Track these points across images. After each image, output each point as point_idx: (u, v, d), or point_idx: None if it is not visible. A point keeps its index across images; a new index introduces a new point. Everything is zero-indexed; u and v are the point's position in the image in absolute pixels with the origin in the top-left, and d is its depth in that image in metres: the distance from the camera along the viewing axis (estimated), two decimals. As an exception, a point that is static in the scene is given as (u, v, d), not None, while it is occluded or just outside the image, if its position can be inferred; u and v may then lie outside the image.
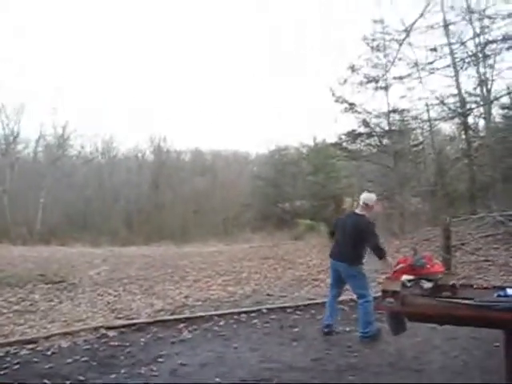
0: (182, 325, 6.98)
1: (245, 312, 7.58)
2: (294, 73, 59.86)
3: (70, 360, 5.63)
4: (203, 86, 61.54)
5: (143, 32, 60.30)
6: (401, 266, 4.18)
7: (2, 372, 5.30)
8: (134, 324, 7.02)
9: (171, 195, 32.08)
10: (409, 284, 3.84)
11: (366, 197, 6.31)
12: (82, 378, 5.10)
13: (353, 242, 6.19)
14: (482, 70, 16.86)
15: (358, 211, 6.34)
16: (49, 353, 5.90)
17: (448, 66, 17.05)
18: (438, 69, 17.08)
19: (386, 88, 18.30)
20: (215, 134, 61.43)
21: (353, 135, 19.73)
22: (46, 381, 4.99)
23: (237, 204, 30.14)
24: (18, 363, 5.56)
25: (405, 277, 3.91)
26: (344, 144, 20.80)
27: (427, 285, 3.84)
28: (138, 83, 58.85)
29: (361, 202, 6.30)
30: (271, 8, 54.56)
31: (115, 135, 40.09)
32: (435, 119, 18.59)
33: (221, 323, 7.07)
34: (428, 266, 4.09)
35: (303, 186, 28.71)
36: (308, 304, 8.07)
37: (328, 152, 26.58)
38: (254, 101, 59.17)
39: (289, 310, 7.71)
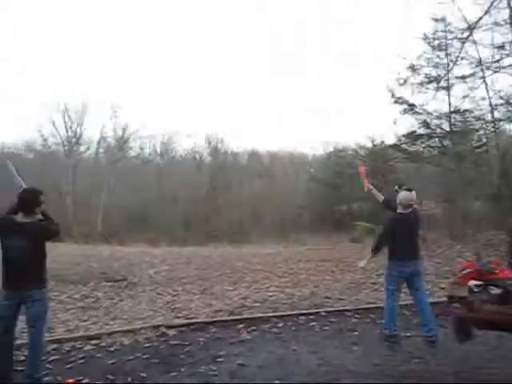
0: (240, 325, 7.01)
1: (303, 314, 7.55)
2: (351, 72, 59.26)
3: (131, 357, 5.74)
4: (259, 86, 61.56)
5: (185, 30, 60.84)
6: (467, 270, 4.03)
7: (68, 366, 5.46)
8: (193, 323, 7.10)
9: (228, 197, 32.31)
10: (476, 289, 3.70)
11: (409, 196, 6.03)
12: (143, 374, 5.20)
13: (417, 238, 6.05)
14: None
15: (402, 211, 6.06)
16: (112, 349, 6.04)
17: (514, 63, 16.46)
18: (503, 67, 16.50)
19: (447, 88, 17.85)
20: (272, 135, 61.45)
21: (413, 136, 19.31)
22: (109, 376, 5.11)
23: (294, 206, 30.07)
24: (82, 358, 5.73)
25: (472, 282, 3.77)
26: (403, 146, 20.41)
27: (496, 291, 3.70)
28: (195, 84, 59.53)
29: (404, 201, 6.01)
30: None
31: (173, 136, 40.58)
32: (500, 120, 17.94)
33: (279, 325, 7.06)
34: (496, 271, 3.94)
35: (361, 188, 28.31)
36: (367, 308, 7.96)
37: (386, 154, 26.14)
38: (310, 100, 58.80)
39: (348, 314, 7.62)
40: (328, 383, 4.94)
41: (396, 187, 6.25)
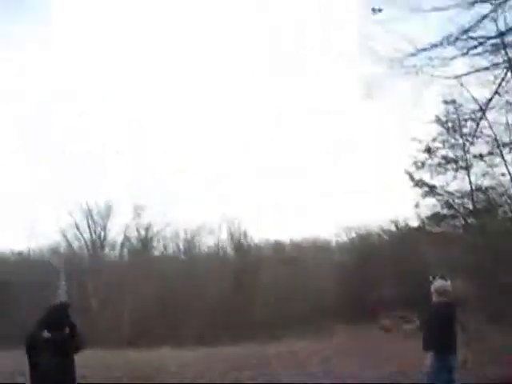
0: None
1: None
2: (365, 155, 59.86)
3: None
4: (279, 176, 62.22)
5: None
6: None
7: None
8: None
9: (255, 291, 31.86)
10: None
11: (444, 284, 5.97)
12: None
13: (454, 329, 5.89)
14: None
15: (437, 299, 5.95)
16: None
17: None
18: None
19: (466, 168, 17.86)
20: (294, 223, 61.40)
21: (436, 218, 19.16)
22: None
23: (321, 295, 29.44)
24: None
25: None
26: (428, 228, 20.21)
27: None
28: (218, 174, 60.41)
29: (439, 289, 5.93)
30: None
31: (196, 233, 40.81)
32: (524, 194, 17.75)
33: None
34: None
35: (389, 274, 27.78)
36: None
37: (411, 237, 25.85)
38: (331, 185, 59.03)
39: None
40: None
41: (431, 278, 6.26)
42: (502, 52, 11.44)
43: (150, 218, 39.48)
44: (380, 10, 11.34)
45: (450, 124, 18.02)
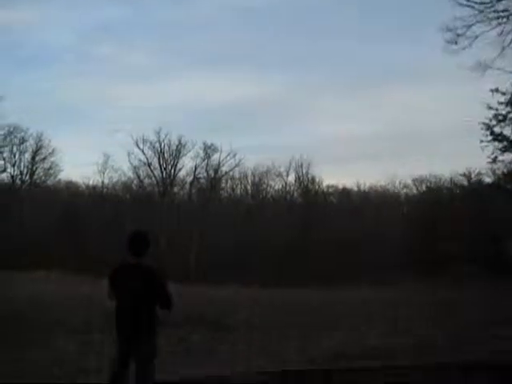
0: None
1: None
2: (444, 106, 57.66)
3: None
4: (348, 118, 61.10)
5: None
6: None
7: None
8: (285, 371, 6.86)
9: (321, 237, 31.95)
10: None
11: None
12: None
13: None
14: None
15: None
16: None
17: None
18: None
19: None
20: (364, 173, 60.72)
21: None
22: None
23: (386, 246, 29.23)
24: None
25: None
26: (503, 184, 19.48)
27: None
28: (286, 117, 60.01)
29: None
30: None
31: (264, 176, 41.03)
32: None
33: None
34: None
35: (458, 228, 27.22)
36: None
37: (484, 193, 25.10)
38: (403, 136, 57.68)
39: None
40: None
41: None
42: None
43: (220, 159, 40.01)
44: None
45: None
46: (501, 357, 7.65)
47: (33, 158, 39.80)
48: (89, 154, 79.22)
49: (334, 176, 69.71)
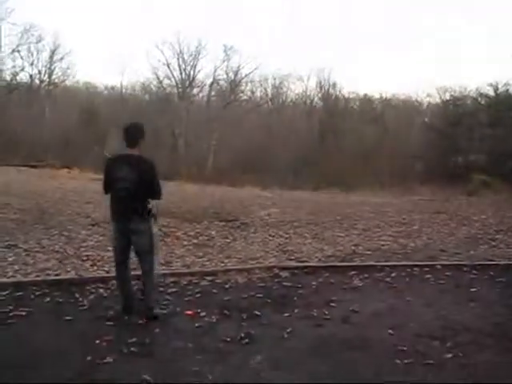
0: (352, 272, 6.95)
1: (417, 266, 7.35)
2: (471, 14, 55.40)
3: (245, 295, 5.89)
4: (372, 30, 59.26)
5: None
6: None
7: (186, 299, 5.71)
8: (306, 267, 7.16)
9: (339, 143, 31.88)
10: None
11: None
12: (257, 312, 5.30)
13: None
14: None
15: None
16: (227, 286, 6.23)
17: None
18: None
19: None
20: (386, 80, 59.39)
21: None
22: (225, 311, 5.28)
23: (406, 155, 29.11)
24: (199, 292, 5.95)
25: None
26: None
27: None
28: (310, 25, 58.31)
29: None
30: None
31: (285, 80, 40.36)
32: None
33: (392, 275, 6.93)
34: None
35: (479, 140, 26.96)
36: (486, 264, 7.61)
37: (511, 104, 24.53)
38: (425, 44, 55.96)
39: (465, 269, 7.32)
40: (444, 338, 4.76)
41: None
42: None
43: (240, 61, 39.34)
44: None
45: None
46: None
47: (50, 57, 39.37)
48: (106, 54, 77.98)
49: (356, 84, 68.55)
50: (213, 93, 41.86)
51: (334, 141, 32.14)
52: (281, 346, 4.50)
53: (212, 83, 40.56)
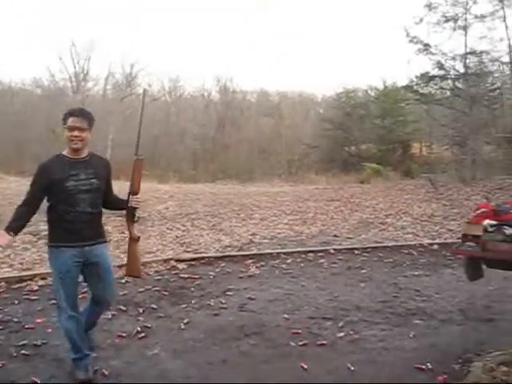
0: (249, 261, 7.09)
1: (312, 251, 7.63)
2: (362, 10, 57.70)
3: (142, 289, 5.82)
4: (268, 24, 60.11)
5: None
6: (482, 210, 4.01)
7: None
8: (202, 258, 7.19)
9: (237, 135, 32.09)
10: (491, 229, 3.68)
11: None
12: (154, 306, 5.27)
13: None
14: None
15: None
16: (123, 281, 6.10)
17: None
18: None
19: (464, 28, 17.35)
20: (281, 74, 60.42)
21: (426, 78, 18.97)
22: (121, 307, 5.19)
23: (302, 146, 29.82)
24: (93, 288, 5.79)
25: (487, 221, 3.74)
26: (416, 87, 20.09)
27: (510, 231, 3.66)
28: (202, 21, 58.18)
29: None
30: None
31: (182, 74, 40.13)
32: (517, 62, 17.50)
33: (288, 261, 7.14)
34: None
35: (370, 130, 28.11)
36: (375, 247, 8.04)
37: (398, 95, 25.80)
38: (320, 41, 57.57)
39: (356, 252, 7.70)
40: (336, 318, 4.98)
41: None
42: None
43: (136, 54, 38.65)
44: None
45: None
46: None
47: None
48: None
49: (253, 79, 69.20)
50: (109, 86, 40.74)
51: (232, 133, 32.33)
52: (178, 337, 4.51)
53: (107, 77, 39.48)
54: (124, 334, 4.51)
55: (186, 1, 57.20)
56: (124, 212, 3.98)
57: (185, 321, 4.82)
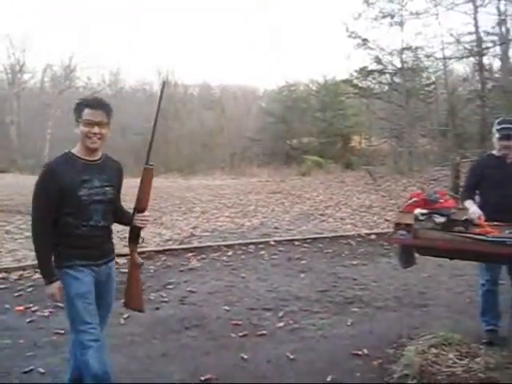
0: (190, 254, 7.09)
1: (252, 243, 7.69)
2: (304, 6, 58.20)
3: (81, 285, 5.70)
4: (210, 17, 59.93)
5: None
6: (414, 199, 4.14)
7: (16, 294, 5.41)
8: (143, 252, 7.08)
9: (179, 129, 31.84)
10: (422, 217, 3.80)
11: None
12: (94, 302, 5.18)
13: None
14: (502, 7, 16.26)
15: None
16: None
17: (467, 1, 16.49)
18: (456, 4, 16.51)
19: (401, 24, 17.81)
20: (223, 68, 60.30)
21: (364, 72, 19.36)
22: (59, 304, 5.08)
23: (244, 139, 29.89)
24: (31, 286, 5.67)
25: (418, 210, 3.87)
26: (355, 81, 20.46)
27: (440, 219, 3.80)
28: (143, 14, 57.35)
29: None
30: None
31: (122, 67, 39.45)
32: (449, 58, 18.13)
33: (229, 253, 7.18)
34: (441, 200, 4.05)
35: (311, 123, 28.44)
36: (315, 238, 8.17)
37: (338, 89, 26.19)
38: (262, 34, 57.90)
39: (296, 243, 7.81)
40: (275, 308, 5.05)
41: None
42: None
43: (75, 47, 37.68)
44: None
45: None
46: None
47: None
48: None
49: (194, 72, 68.82)
50: (46, 79, 39.53)
51: (174, 127, 32.03)
52: (118, 332, 4.43)
53: (45, 69, 38.29)
54: (62, 332, 4.42)
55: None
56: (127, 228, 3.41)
57: (124, 316, 4.75)
